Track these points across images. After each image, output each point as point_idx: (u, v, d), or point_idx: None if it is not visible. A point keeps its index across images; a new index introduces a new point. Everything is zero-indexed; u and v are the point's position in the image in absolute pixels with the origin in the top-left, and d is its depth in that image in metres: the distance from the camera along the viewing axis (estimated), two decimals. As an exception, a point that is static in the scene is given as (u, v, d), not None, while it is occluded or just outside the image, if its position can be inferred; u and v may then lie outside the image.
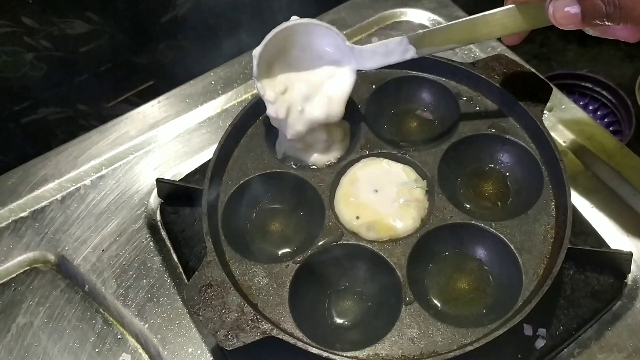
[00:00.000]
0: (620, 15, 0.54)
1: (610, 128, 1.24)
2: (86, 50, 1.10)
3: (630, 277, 0.74)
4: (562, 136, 0.87)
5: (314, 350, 0.59)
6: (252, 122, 0.80)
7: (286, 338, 0.60)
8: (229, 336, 0.60)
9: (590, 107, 1.28)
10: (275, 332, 0.60)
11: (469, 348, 0.59)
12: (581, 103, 1.28)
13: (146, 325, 0.74)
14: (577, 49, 1.39)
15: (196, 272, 0.64)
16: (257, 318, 0.61)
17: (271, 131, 0.78)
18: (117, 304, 0.76)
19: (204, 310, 0.62)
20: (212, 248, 0.66)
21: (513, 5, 0.63)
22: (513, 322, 0.60)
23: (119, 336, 0.74)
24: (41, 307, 0.76)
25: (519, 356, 0.68)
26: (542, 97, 0.76)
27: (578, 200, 0.81)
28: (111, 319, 0.75)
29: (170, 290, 0.77)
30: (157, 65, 1.22)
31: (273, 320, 0.63)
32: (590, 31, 0.61)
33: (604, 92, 1.26)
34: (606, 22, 0.56)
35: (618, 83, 1.26)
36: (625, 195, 0.81)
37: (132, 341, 0.74)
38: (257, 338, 0.60)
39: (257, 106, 0.79)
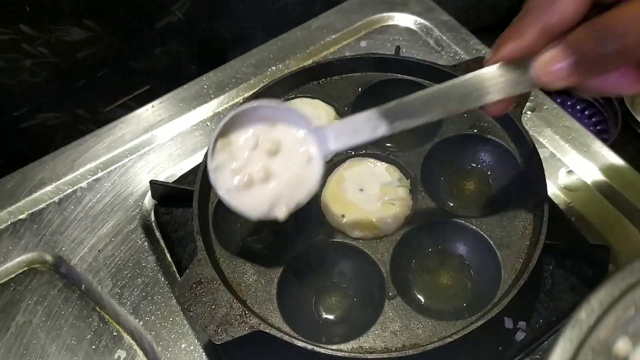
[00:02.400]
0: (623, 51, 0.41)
1: (598, 127, 1.26)
2: (83, 57, 1.12)
3: (608, 271, 0.76)
4: (544, 136, 0.89)
5: (300, 344, 0.62)
6: (241, 125, 0.82)
7: (273, 332, 0.62)
8: (219, 331, 0.62)
9: (578, 107, 1.30)
10: (262, 327, 0.63)
11: (449, 340, 0.61)
12: (569, 103, 1.31)
13: (141, 323, 0.76)
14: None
15: (187, 270, 0.66)
16: (245, 313, 0.63)
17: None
18: (112, 302, 0.78)
19: (195, 306, 0.64)
20: (203, 247, 0.68)
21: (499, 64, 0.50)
22: (491, 314, 0.62)
23: (114, 333, 0.76)
24: (39, 306, 0.79)
25: (500, 348, 0.70)
26: (521, 98, 0.78)
27: (558, 197, 0.83)
28: (107, 317, 0.78)
29: (164, 289, 0.79)
30: (153, 70, 1.24)
31: (261, 315, 0.66)
32: (582, 92, 0.51)
33: (591, 92, 1.28)
34: (604, 68, 0.44)
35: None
36: (604, 192, 0.83)
37: (127, 338, 0.76)
38: (245, 332, 0.62)
39: (246, 109, 0.81)
